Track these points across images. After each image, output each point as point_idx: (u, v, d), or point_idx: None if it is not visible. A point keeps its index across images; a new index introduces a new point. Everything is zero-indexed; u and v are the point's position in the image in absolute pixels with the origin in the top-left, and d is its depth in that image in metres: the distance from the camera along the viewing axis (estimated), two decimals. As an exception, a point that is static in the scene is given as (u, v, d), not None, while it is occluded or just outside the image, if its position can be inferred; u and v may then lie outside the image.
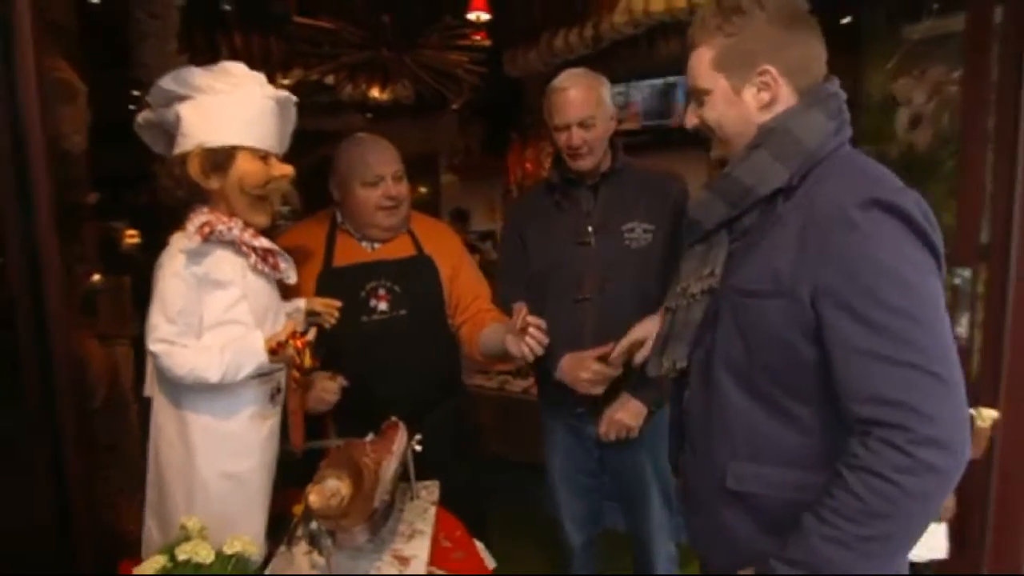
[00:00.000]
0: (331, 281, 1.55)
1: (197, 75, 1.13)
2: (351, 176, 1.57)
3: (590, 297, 1.63)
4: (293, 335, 1.17)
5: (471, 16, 3.37)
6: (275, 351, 1.14)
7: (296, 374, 1.21)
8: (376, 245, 1.64)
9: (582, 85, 1.61)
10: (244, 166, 1.13)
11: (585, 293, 1.64)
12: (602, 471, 1.79)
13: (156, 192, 1.18)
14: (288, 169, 1.20)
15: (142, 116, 1.19)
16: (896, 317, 0.82)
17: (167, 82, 1.12)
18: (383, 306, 1.59)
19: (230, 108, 1.13)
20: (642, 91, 3.98)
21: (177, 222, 1.17)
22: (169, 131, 1.16)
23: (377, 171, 1.55)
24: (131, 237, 4.99)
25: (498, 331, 1.53)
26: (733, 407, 0.96)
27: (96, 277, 2.17)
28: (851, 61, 2.73)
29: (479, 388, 3.22)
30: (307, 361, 1.20)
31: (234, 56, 3.77)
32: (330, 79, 3.95)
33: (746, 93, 0.95)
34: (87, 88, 1.50)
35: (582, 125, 1.59)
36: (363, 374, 1.49)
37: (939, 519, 1.92)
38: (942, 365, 0.81)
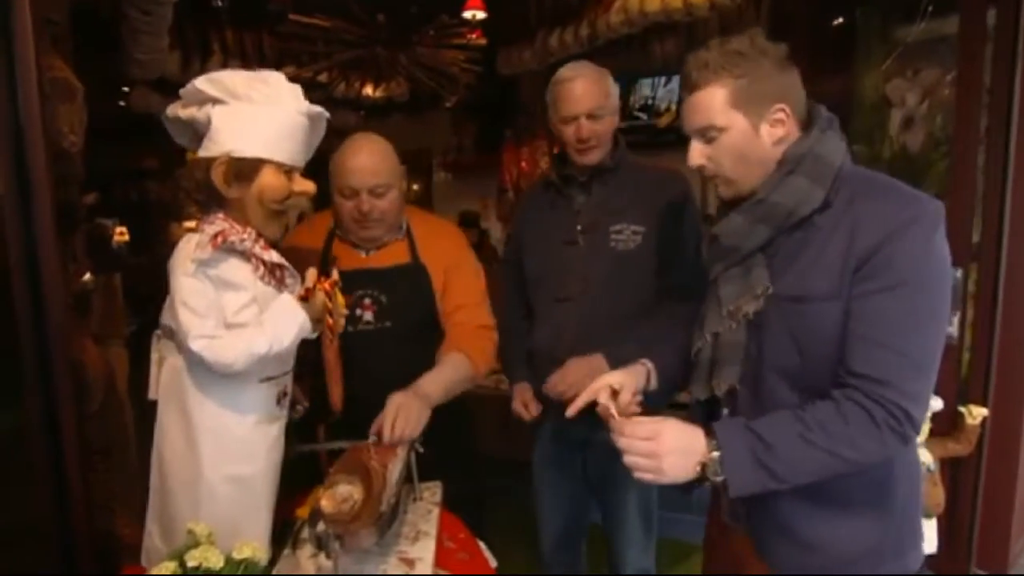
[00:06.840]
0: None
1: (234, 80, 1.10)
2: (333, 182, 1.50)
3: (572, 298, 1.59)
4: (318, 280, 1.16)
5: (467, 14, 3.36)
6: (305, 298, 1.14)
7: (330, 320, 1.20)
8: (371, 251, 1.56)
9: (589, 76, 1.56)
10: (267, 179, 1.11)
11: (567, 293, 1.59)
12: (585, 475, 1.73)
13: (148, 192, 1.16)
14: (310, 186, 1.18)
15: (171, 110, 1.16)
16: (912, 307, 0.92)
17: (203, 83, 1.09)
18: (368, 316, 1.53)
19: (262, 120, 1.10)
20: (636, 89, 4.04)
21: (167, 220, 1.15)
22: (197, 129, 1.14)
23: (352, 183, 1.46)
24: (120, 235, 4.94)
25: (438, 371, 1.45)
26: (786, 405, 1.00)
27: (87, 276, 2.14)
28: (844, 62, 2.75)
29: (474, 387, 3.23)
30: (340, 300, 1.20)
31: (226, 52, 3.74)
32: (323, 77, 3.92)
33: (763, 129, 1.01)
34: (83, 87, 1.48)
35: (591, 116, 1.53)
36: (350, 386, 1.41)
37: (929, 515, 1.96)
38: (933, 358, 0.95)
